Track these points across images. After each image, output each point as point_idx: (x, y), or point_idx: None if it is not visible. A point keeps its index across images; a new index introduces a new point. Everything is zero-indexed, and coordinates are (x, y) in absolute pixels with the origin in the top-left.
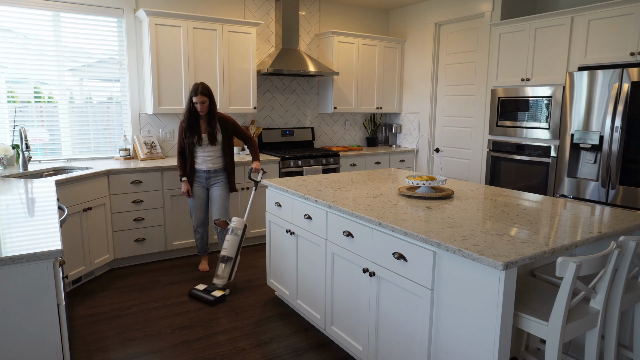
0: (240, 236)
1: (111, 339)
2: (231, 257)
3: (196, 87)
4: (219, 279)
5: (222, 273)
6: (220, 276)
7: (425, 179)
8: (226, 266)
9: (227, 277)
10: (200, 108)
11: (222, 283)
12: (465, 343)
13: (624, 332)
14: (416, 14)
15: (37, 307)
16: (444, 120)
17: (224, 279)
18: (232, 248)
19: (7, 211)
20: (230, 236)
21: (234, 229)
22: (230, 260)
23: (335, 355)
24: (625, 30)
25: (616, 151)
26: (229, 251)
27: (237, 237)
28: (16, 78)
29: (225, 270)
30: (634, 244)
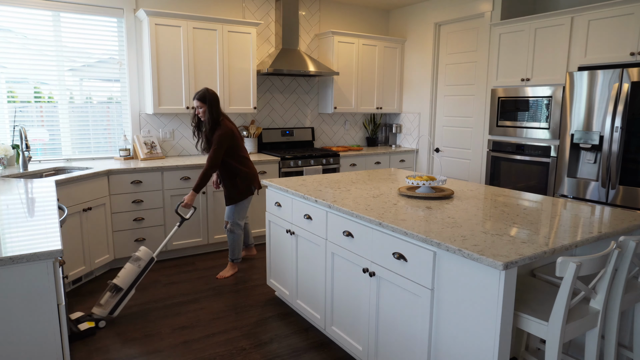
0: (142, 268)
1: (111, 339)
2: (122, 288)
3: (196, 93)
4: (99, 308)
5: (105, 303)
6: (102, 305)
7: (425, 179)
8: (113, 297)
9: (108, 310)
10: (198, 113)
11: (101, 315)
12: (465, 343)
13: (624, 332)
14: (416, 14)
15: (37, 307)
16: (444, 120)
17: (105, 311)
18: (127, 279)
19: (7, 211)
20: (130, 265)
21: (137, 258)
22: (119, 292)
23: (335, 355)
24: (625, 30)
25: (616, 151)
26: (120, 281)
27: (137, 268)
28: (16, 78)
29: (110, 301)
30: (634, 244)
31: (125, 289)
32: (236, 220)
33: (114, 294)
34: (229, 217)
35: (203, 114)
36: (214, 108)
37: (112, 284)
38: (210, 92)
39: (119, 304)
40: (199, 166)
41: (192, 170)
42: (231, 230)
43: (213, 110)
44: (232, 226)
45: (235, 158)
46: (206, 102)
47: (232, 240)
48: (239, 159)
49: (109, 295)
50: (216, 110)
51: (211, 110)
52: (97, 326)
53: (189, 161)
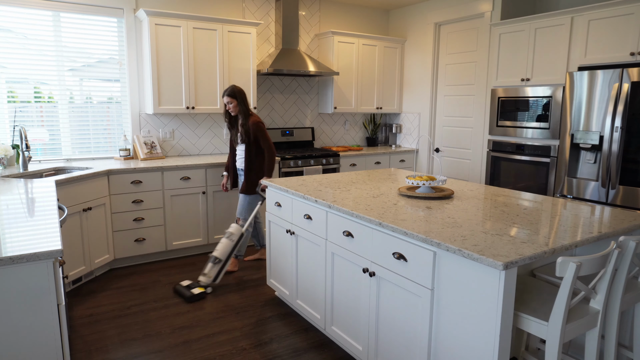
0: (235, 242)
1: (111, 339)
2: (221, 259)
3: (225, 90)
4: (204, 277)
5: (208, 272)
6: (206, 275)
7: (425, 179)
8: (214, 267)
9: (212, 278)
10: (229, 108)
11: (206, 282)
12: (465, 343)
13: (624, 332)
14: (416, 14)
15: (37, 307)
16: (444, 120)
17: (209, 279)
18: (224, 251)
19: (7, 211)
20: (226, 240)
21: (230, 234)
22: (219, 262)
23: (335, 355)
24: (625, 30)
25: (616, 151)
26: (219, 253)
27: (231, 242)
28: (16, 78)
29: (212, 270)
30: (634, 244)
31: (224, 259)
32: (247, 216)
33: (215, 264)
34: (241, 214)
35: (234, 108)
36: (244, 101)
37: (212, 256)
38: (237, 87)
39: (220, 272)
40: (199, 166)
41: (192, 170)
42: (242, 225)
43: (244, 103)
44: (243, 222)
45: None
46: (236, 97)
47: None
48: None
49: (211, 265)
50: (246, 103)
51: (242, 103)
52: (206, 291)
53: (189, 161)
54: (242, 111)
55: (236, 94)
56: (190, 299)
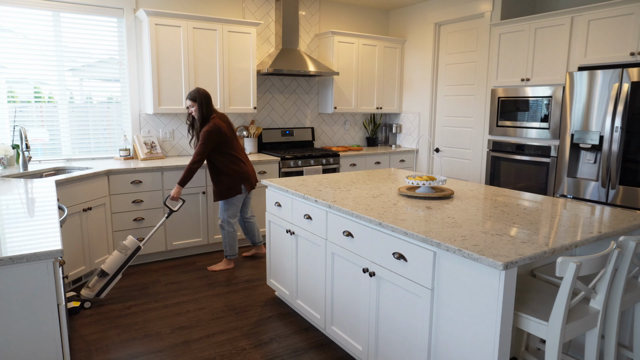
0: (128, 256)
1: (111, 339)
2: (108, 273)
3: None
4: (87, 290)
5: (92, 286)
6: (89, 288)
7: (425, 179)
8: (99, 280)
9: (95, 292)
10: (191, 112)
11: (87, 296)
12: (465, 343)
13: (623, 332)
14: (416, 14)
15: (37, 307)
16: (444, 120)
17: (91, 293)
18: (113, 265)
19: (7, 211)
20: (117, 252)
21: (123, 246)
22: (106, 276)
23: (335, 355)
24: (625, 30)
25: (616, 151)
26: (107, 266)
27: (123, 255)
28: (16, 78)
29: (97, 284)
30: (633, 244)
31: (112, 274)
32: (226, 218)
33: (100, 278)
34: (220, 214)
35: (195, 112)
36: (204, 106)
37: (99, 269)
38: (201, 91)
39: (105, 287)
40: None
41: None
42: (221, 226)
43: (203, 108)
44: (222, 223)
45: (223, 155)
46: (197, 101)
47: (223, 236)
48: (227, 157)
49: (96, 279)
50: (206, 108)
51: (201, 108)
52: (83, 306)
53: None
54: (200, 117)
55: (197, 97)
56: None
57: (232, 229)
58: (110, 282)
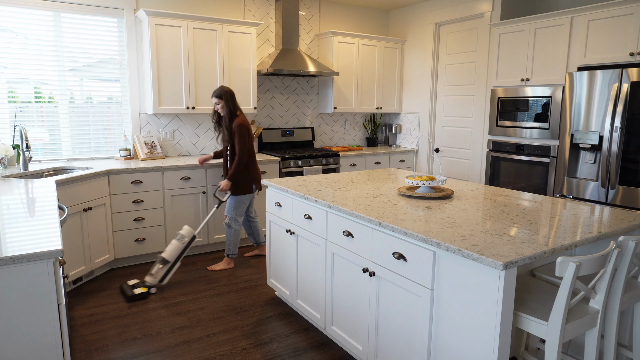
0: (185, 245)
1: (111, 339)
2: (168, 260)
3: (214, 91)
4: (151, 277)
5: (155, 273)
6: (153, 275)
7: (425, 179)
8: (161, 268)
9: (158, 279)
10: (217, 109)
11: (152, 282)
12: (465, 343)
13: (623, 332)
14: (416, 14)
15: (37, 307)
16: (443, 120)
17: (155, 280)
18: (173, 253)
19: (8, 211)
20: (176, 241)
21: (181, 236)
22: (167, 264)
23: (335, 355)
24: (625, 30)
25: (616, 151)
26: (168, 254)
27: (181, 244)
28: (16, 78)
29: (159, 271)
30: (633, 243)
31: (172, 262)
32: (234, 216)
33: (162, 266)
34: (228, 212)
35: (221, 109)
36: (230, 102)
37: (160, 257)
38: (226, 88)
39: (167, 274)
40: (199, 166)
41: (192, 170)
42: (229, 224)
43: (230, 104)
44: (230, 220)
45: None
46: (223, 98)
47: (228, 234)
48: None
49: (159, 266)
50: (233, 104)
51: (228, 104)
52: (149, 292)
53: (189, 161)
54: (228, 112)
55: (223, 94)
56: (130, 298)
57: (239, 227)
58: (171, 269)
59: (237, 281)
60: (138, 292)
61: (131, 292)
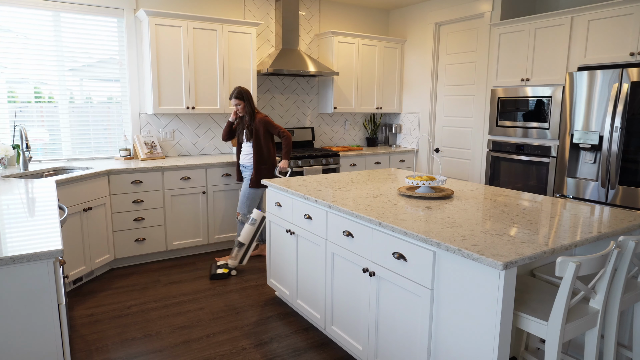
0: (257, 226)
1: (111, 339)
2: (244, 243)
3: (232, 93)
4: (232, 259)
5: (235, 255)
6: (233, 257)
7: (425, 179)
8: (240, 250)
9: (238, 260)
10: (237, 110)
11: (233, 264)
12: (465, 342)
13: (623, 332)
14: (416, 14)
15: (37, 307)
16: (443, 120)
17: (235, 262)
18: (247, 236)
19: (8, 211)
20: (248, 225)
21: (253, 220)
22: (243, 246)
23: (335, 355)
24: (625, 30)
25: (616, 151)
26: (242, 238)
27: (253, 226)
28: (16, 78)
29: (238, 253)
30: (633, 243)
31: (247, 243)
32: (246, 212)
33: (240, 248)
34: (241, 209)
35: (242, 109)
36: (251, 102)
37: (237, 241)
38: (243, 89)
39: (245, 255)
40: (199, 166)
41: (192, 170)
42: (241, 221)
43: (251, 103)
44: (242, 217)
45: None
46: (244, 99)
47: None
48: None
49: (237, 250)
50: (252, 103)
51: (249, 104)
52: (230, 274)
53: (189, 161)
54: (249, 112)
55: (244, 95)
56: (212, 276)
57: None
58: (247, 250)
59: (237, 281)
60: (219, 272)
61: (215, 270)
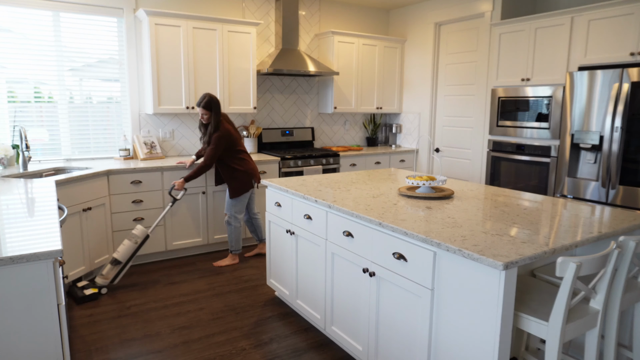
0: (138, 245)
1: (111, 339)
2: (120, 261)
3: (200, 99)
4: (102, 278)
5: (106, 273)
6: (103, 276)
7: (425, 179)
8: (113, 268)
9: (109, 279)
10: (202, 118)
11: (103, 283)
12: (465, 343)
13: (623, 332)
14: (416, 14)
15: (37, 307)
16: (444, 120)
17: (106, 280)
18: (125, 253)
19: (7, 211)
20: (128, 242)
21: (133, 235)
22: (118, 264)
23: (335, 356)
24: (625, 30)
25: (616, 151)
26: (120, 255)
27: (133, 244)
28: (16, 78)
29: (110, 271)
30: (633, 244)
31: (124, 262)
32: (233, 213)
33: (114, 266)
34: (228, 210)
35: (208, 119)
36: (218, 114)
37: (112, 257)
38: (214, 99)
39: (119, 274)
40: None
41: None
42: (228, 222)
43: (217, 116)
44: (229, 218)
45: (236, 153)
46: (211, 110)
47: (230, 232)
48: (239, 154)
49: (110, 267)
50: (218, 115)
51: (216, 117)
52: (100, 292)
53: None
54: (214, 124)
55: (212, 106)
56: (81, 299)
57: (239, 224)
58: (122, 270)
59: (237, 281)
60: (89, 293)
61: (82, 293)
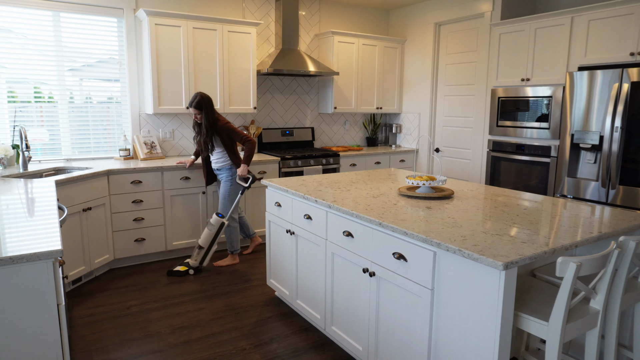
0: (215, 232)
1: (111, 339)
2: (203, 246)
3: (191, 100)
4: (192, 260)
5: (195, 256)
6: (193, 257)
7: (425, 179)
8: (199, 253)
9: (197, 261)
10: (196, 118)
11: (193, 264)
12: (465, 343)
13: (624, 332)
14: (416, 14)
15: (37, 307)
16: (444, 120)
17: (196, 263)
18: (206, 239)
19: (7, 211)
20: (207, 230)
21: (210, 224)
22: (202, 249)
23: (335, 355)
24: (625, 30)
25: (616, 151)
26: (202, 241)
27: (211, 231)
28: (16, 78)
29: (198, 255)
30: (634, 244)
31: (206, 247)
32: (230, 214)
33: (199, 251)
34: (223, 211)
35: (201, 119)
36: (210, 113)
37: (197, 244)
38: (204, 98)
39: (205, 257)
40: (199, 166)
41: (192, 170)
42: (228, 225)
43: (210, 115)
44: (227, 220)
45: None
46: (202, 109)
47: (228, 233)
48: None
49: (197, 251)
50: (212, 114)
51: (207, 116)
52: (187, 272)
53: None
54: (206, 124)
55: (203, 105)
56: (169, 273)
57: (236, 224)
58: (207, 253)
59: (237, 281)
60: (176, 269)
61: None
